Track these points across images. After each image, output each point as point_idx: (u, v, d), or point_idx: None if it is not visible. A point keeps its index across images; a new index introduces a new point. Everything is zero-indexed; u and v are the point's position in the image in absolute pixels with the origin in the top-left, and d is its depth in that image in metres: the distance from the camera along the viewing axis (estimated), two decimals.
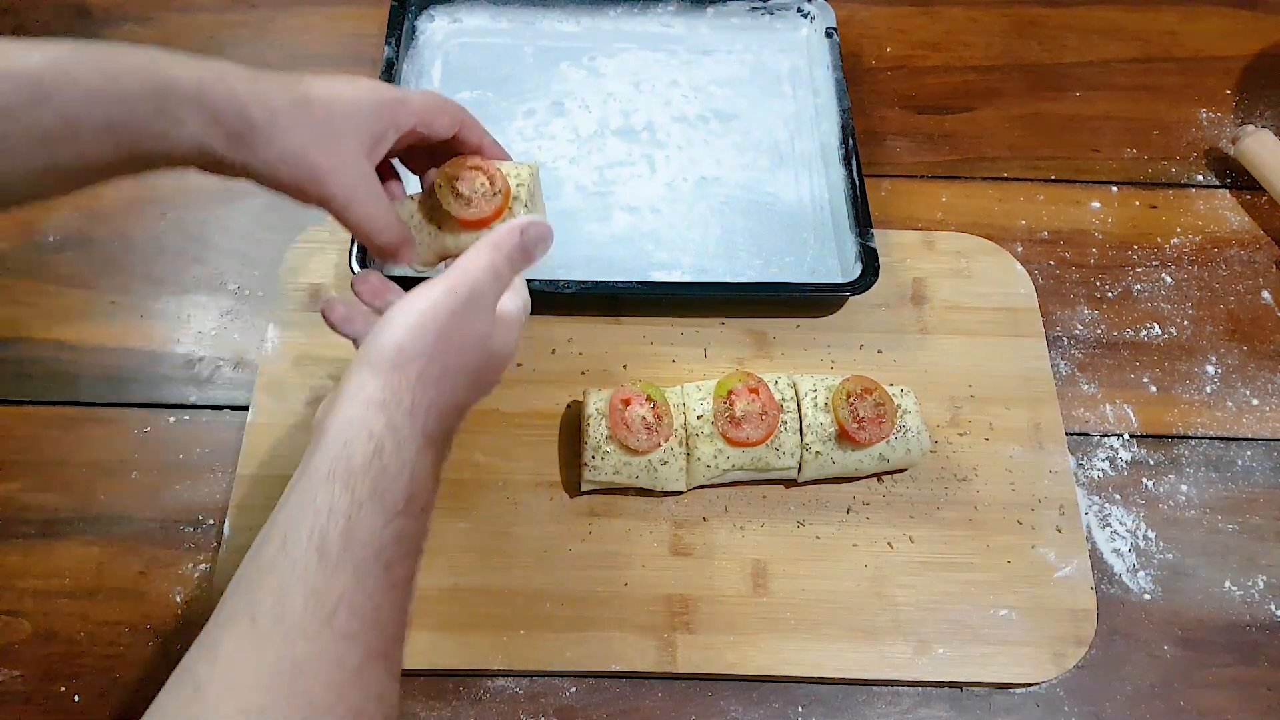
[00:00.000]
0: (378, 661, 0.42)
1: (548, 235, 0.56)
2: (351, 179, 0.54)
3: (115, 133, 0.47)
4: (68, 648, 0.62)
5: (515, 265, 0.55)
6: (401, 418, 0.47)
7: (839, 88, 0.84)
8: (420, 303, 0.50)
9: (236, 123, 0.50)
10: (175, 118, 0.48)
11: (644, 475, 0.65)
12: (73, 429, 0.70)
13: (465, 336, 0.51)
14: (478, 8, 0.91)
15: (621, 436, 0.64)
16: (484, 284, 0.52)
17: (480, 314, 0.52)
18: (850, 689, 0.63)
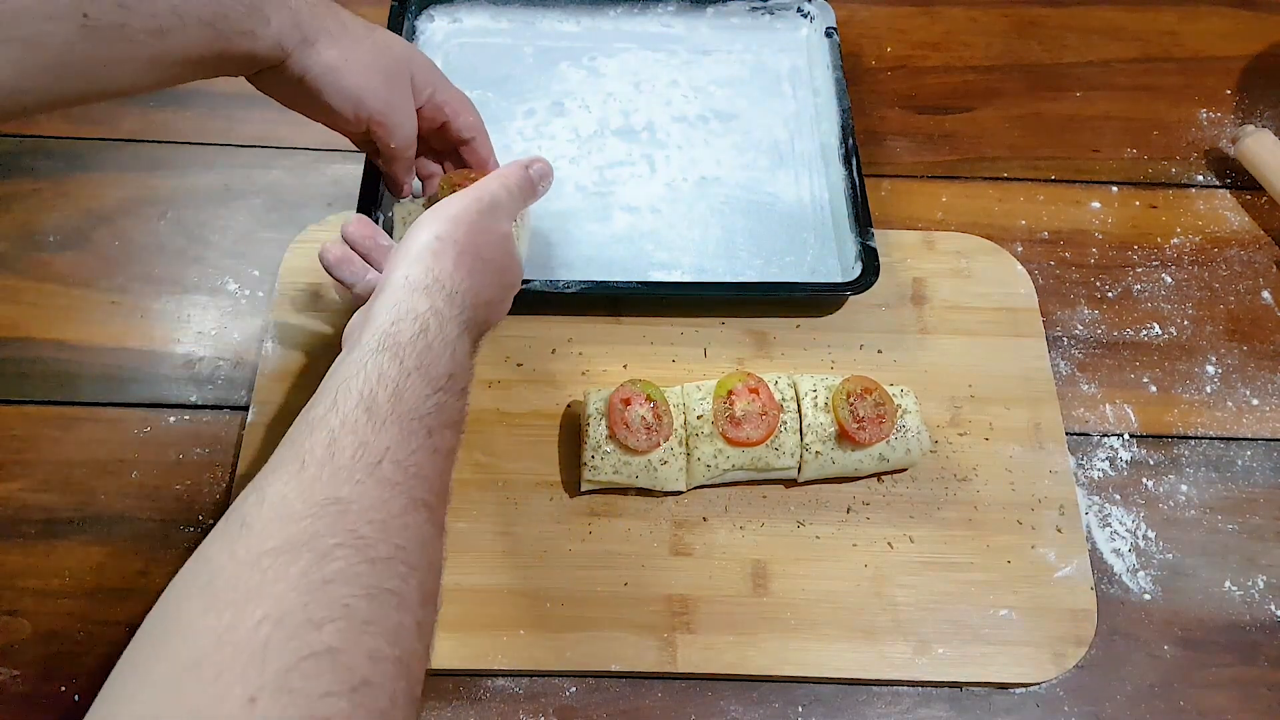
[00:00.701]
0: (420, 509, 0.44)
1: (549, 172, 0.66)
2: (404, 104, 0.63)
3: (214, 26, 0.52)
4: (68, 648, 0.62)
5: (524, 193, 0.63)
6: (443, 301, 0.52)
7: (839, 87, 0.84)
8: (448, 206, 0.57)
9: (312, 26, 0.57)
10: (264, 16, 0.54)
11: (644, 475, 0.65)
12: (73, 429, 0.70)
13: (492, 232, 0.58)
14: (478, 8, 0.91)
15: (621, 436, 0.64)
16: (500, 196, 0.60)
17: (501, 217, 0.60)
18: (850, 689, 0.63)
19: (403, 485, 0.43)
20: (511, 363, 0.73)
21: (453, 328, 0.51)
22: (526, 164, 0.64)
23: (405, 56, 0.64)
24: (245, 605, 0.36)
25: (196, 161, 0.84)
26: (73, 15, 0.47)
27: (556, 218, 0.79)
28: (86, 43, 0.48)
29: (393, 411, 0.45)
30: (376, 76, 0.61)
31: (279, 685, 0.34)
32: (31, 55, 0.46)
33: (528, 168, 0.64)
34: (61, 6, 0.46)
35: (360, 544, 0.40)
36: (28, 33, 0.45)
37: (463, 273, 0.54)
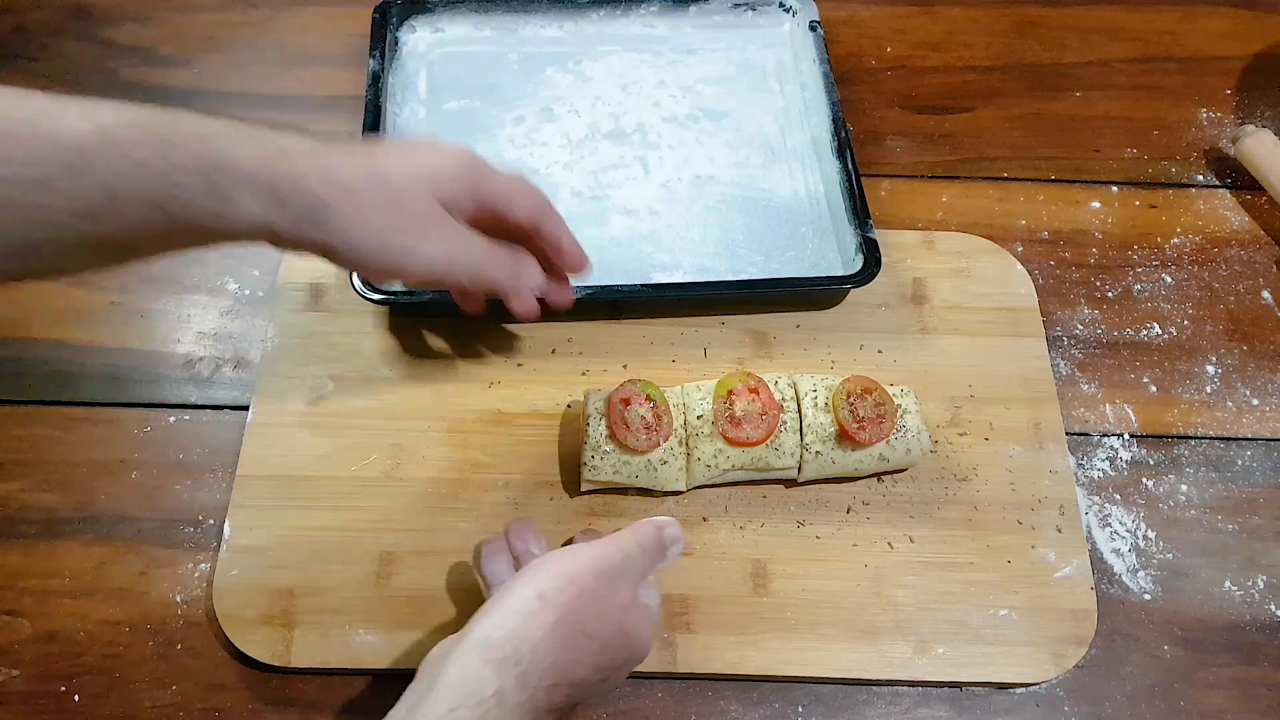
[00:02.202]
0: None
1: (679, 539, 0.55)
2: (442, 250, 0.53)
3: (163, 208, 0.45)
4: (68, 648, 0.62)
5: (655, 557, 0.54)
6: (513, 682, 0.45)
7: (826, 81, 0.84)
8: (569, 557, 0.50)
9: (303, 202, 0.48)
10: (227, 196, 0.46)
11: (644, 475, 0.65)
12: (73, 429, 0.70)
13: (606, 603, 0.49)
14: (459, 17, 0.90)
15: (621, 436, 0.64)
16: (634, 556, 0.52)
17: (624, 584, 0.51)
18: (850, 689, 0.63)
19: None
20: (511, 363, 0.73)
21: None
22: (660, 525, 0.54)
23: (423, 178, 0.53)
24: None
25: None
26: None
27: None
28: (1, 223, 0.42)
29: None
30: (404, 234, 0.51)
31: None
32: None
33: (661, 530, 0.54)
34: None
35: None
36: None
37: (549, 645, 0.46)
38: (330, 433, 0.69)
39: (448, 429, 0.70)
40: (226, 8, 0.95)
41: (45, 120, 0.43)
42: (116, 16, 0.94)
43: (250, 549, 0.64)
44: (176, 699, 0.61)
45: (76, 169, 0.42)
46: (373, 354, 0.73)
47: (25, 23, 0.93)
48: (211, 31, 0.93)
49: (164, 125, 0.45)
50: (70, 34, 0.92)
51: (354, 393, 0.71)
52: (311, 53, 0.92)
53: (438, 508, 0.67)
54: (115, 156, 0.43)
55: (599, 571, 0.49)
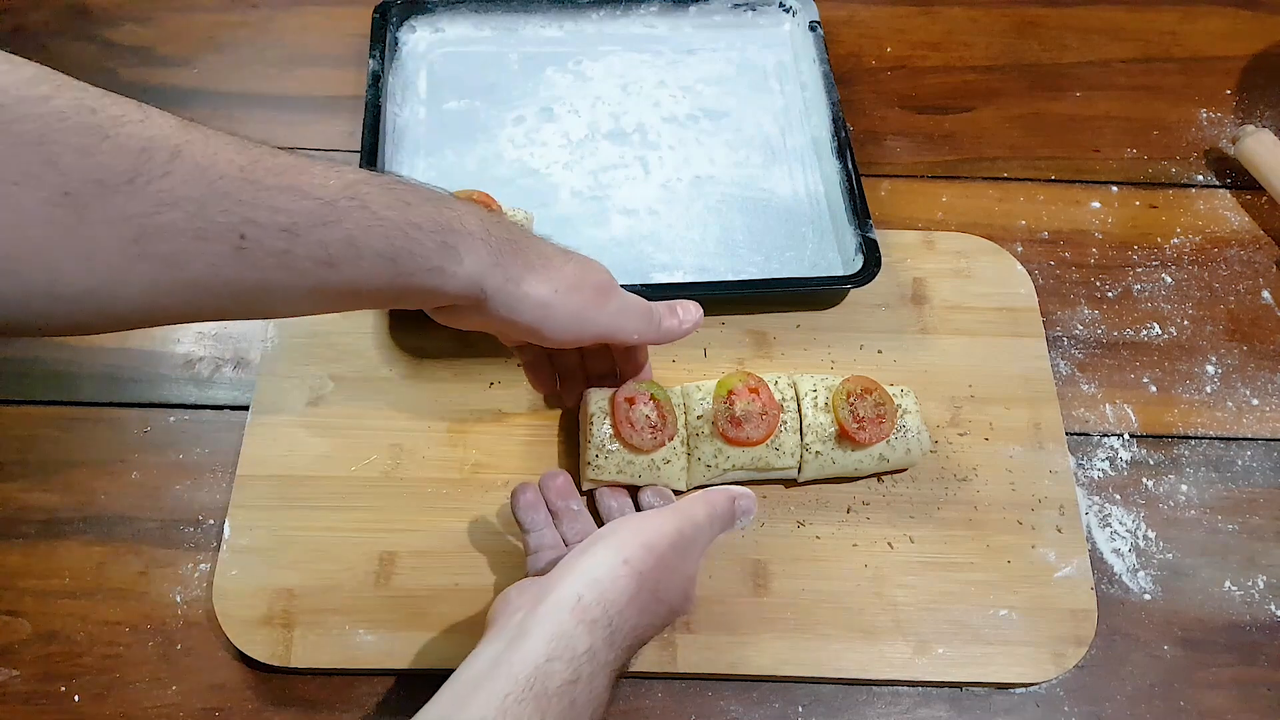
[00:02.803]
0: None
1: (753, 509, 0.60)
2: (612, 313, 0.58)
3: (396, 261, 0.47)
4: (68, 648, 0.62)
5: (724, 525, 0.58)
6: (604, 642, 0.48)
7: (826, 81, 0.84)
8: (652, 527, 0.53)
9: (515, 264, 0.52)
10: (455, 253, 0.49)
11: (647, 474, 0.65)
12: (73, 429, 0.70)
13: (678, 572, 0.54)
14: (459, 17, 0.90)
15: (626, 435, 0.64)
16: (704, 527, 0.56)
17: (694, 553, 0.55)
18: (850, 689, 0.63)
19: None
20: (511, 363, 0.73)
21: (603, 679, 0.48)
22: (735, 496, 0.59)
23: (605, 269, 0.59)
24: None
25: None
26: (227, 237, 0.42)
27: (554, 223, 0.79)
28: (238, 266, 0.43)
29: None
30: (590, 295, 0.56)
31: None
32: (170, 273, 0.41)
33: (735, 500, 0.59)
34: (216, 227, 0.41)
35: None
36: (169, 250, 0.41)
37: (633, 610, 0.50)
38: (330, 433, 0.69)
39: (448, 429, 0.70)
40: (226, 8, 0.95)
41: (295, 173, 0.45)
42: (116, 16, 0.94)
43: (250, 549, 0.64)
44: (176, 699, 0.61)
45: (325, 219, 0.44)
46: (373, 354, 0.73)
47: (25, 23, 0.93)
48: (211, 31, 0.93)
49: (403, 188, 0.49)
50: (70, 34, 0.92)
51: (354, 393, 0.71)
52: (311, 53, 0.92)
53: (438, 508, 0.67)
54: (361, 211, 0.46)
55: (674, 542, 0.53)
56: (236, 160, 0.43)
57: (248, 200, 0.42)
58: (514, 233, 0.54)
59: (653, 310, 0.61)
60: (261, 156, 0.44)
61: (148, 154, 0.40)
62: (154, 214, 0.40)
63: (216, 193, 0.41)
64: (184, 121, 0.42)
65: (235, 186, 0.42)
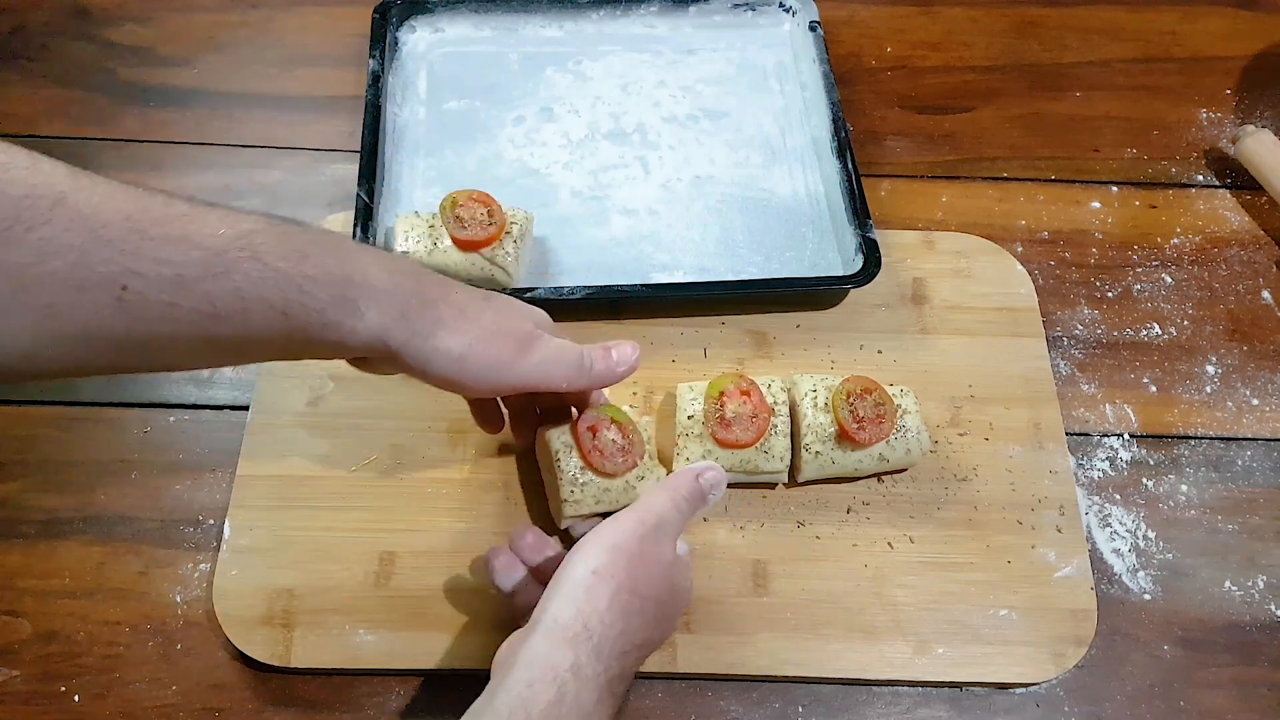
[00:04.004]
0: None
1: (721, 481, 0.59)
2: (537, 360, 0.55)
3: (288, 315, 0.45)
4: (68, 648, 0.62)
5: (693, 506, 0.57)
6: (587, 655, 0.47)
7: (826, 81, 0.84)
8: (610, 530, 0.52)
9: (426, 316, 0.50)
10: (354, 307, 0.47)
11: (624, 496, 0.63)
12: (73, 429, 0.70)
13: (654, 563, 0.53)
14: (459, 17, 0.90)
15: (598, 464, 0.62)
16: (669, 516, 0.55)
17: (665, 541, 0.54)
18: (850, 689, 0.63)
19: None
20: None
21: (590, 693, 0.46)
22: (698, 472, 0.57)
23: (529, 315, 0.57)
24: None
25: (196, 161, 0.84)
26: (108, 288, 0.40)
27: (554, 223, 0.79)
28: (121, 318, 0.41)
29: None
30: (510, 345, 0.53)
31: None
32: (51, 325, 0.40)
33: (699, 477, 0.57)
34: (97, 278, 0.40)
35: None
36: (49, 300, 0.39)
37: (615, 613, 0.49)
38: (330, 433, 0.69)
39: (448, 429, 0.70)
40: (226, 8, 0.95)
41: (186, 223, 0.43)
42: (116, 16, 0.94)
43: (250, 549, 0.64)
44: (176, 699, 0.61)
45: (213, 270, 0.43)
46: None
47: (25, 23, 0.93)
48: (211, 31, 0.93)
49: (301, 237, 0.47)
50: (70, 34, 0.92)
51: (354, 393, 0.71)
52: (311, 53, 0.92)
53: (438, 508, 0.67)
54: (251, 262, 0.44)
55: (640, 536, 0.52)
56: (124, 208, 0.41)
57: (131, 250, 0.41)
58: (425, 282, 0.52)
59: (583, 356, 0.57)
60: (152, 205, 0.42)
61: (30, 200, 0.38)
62: (34, 264, 0.38)
63: (99, 241, 0.40)
64: (74, 170, 0.41)
65: (119, 235, 0.41)
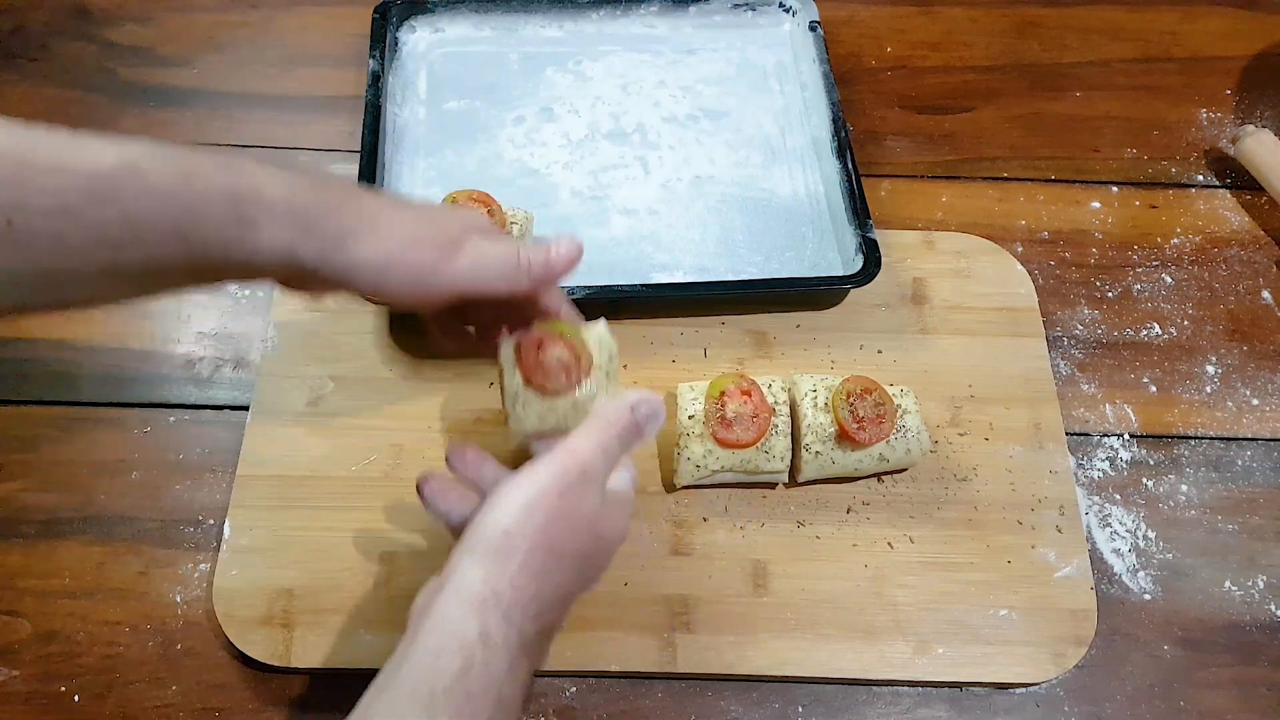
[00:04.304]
0: None
1: (659, 411, 0.54)
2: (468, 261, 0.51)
3: (185, 238, 0.44)
4: (68, 648, 0.62)
5: (626, 443, 0.53)
6: (496, 621, 0.45)
7: (826, 81, 0.84)
8: (526, 484, 0.48)
9: (332, 228, 0.47)
10: (253, 223, 0.45)
11: (572, 416, 0.57)
12: (73, 429, 0.70)
13: (574, 519, 0.49)
14: (459, 17, 0.90)
15: (540, 381, 0.57)
16: (594, 463, 0.50)
17: (589, 494, 0.50)
18: (850, 689, 0.63)
19: None
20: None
21: (501, 659, 0.44)
22: (633, 405, 0.53)
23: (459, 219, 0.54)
24: None
25: None
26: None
27: (554, 223, 0.79)
28: (11, 252, 0.41)
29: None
30: (434, 249, 0.50)
31: None
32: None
33: (633, 409, 0.52)
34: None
35: None
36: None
37: (526, 576, 0.46)
38: (330, 433, 0.69)
39: (448, 429, 0.70)
40: (226, 8, 0.95)
41: (68, 151, 0.42)
42: (116, 16, 0.94)
43: (250, 549, 0.64)
44: (176, 699, 0.61)
45: (99, 197, 0.42)
46: (373, 354, 0.73)
47: (25, 23, 0.93)
48: (211, 31, 0.93)
49: (189, 158, 0.45)
50: (70, 34, 0.92)
51: (354, 393, 0.71)
52: (311, 53, 0.92)
53: None
54: (138, 185, 0.43)
55: (559, 492, 0.48)
56: (3, 143, 0.41)
57: (12, 182, 0.40)
58: (330, 192, 0.48)
59: (518, 256, 0.53)
60: (35, 138, 0.42)
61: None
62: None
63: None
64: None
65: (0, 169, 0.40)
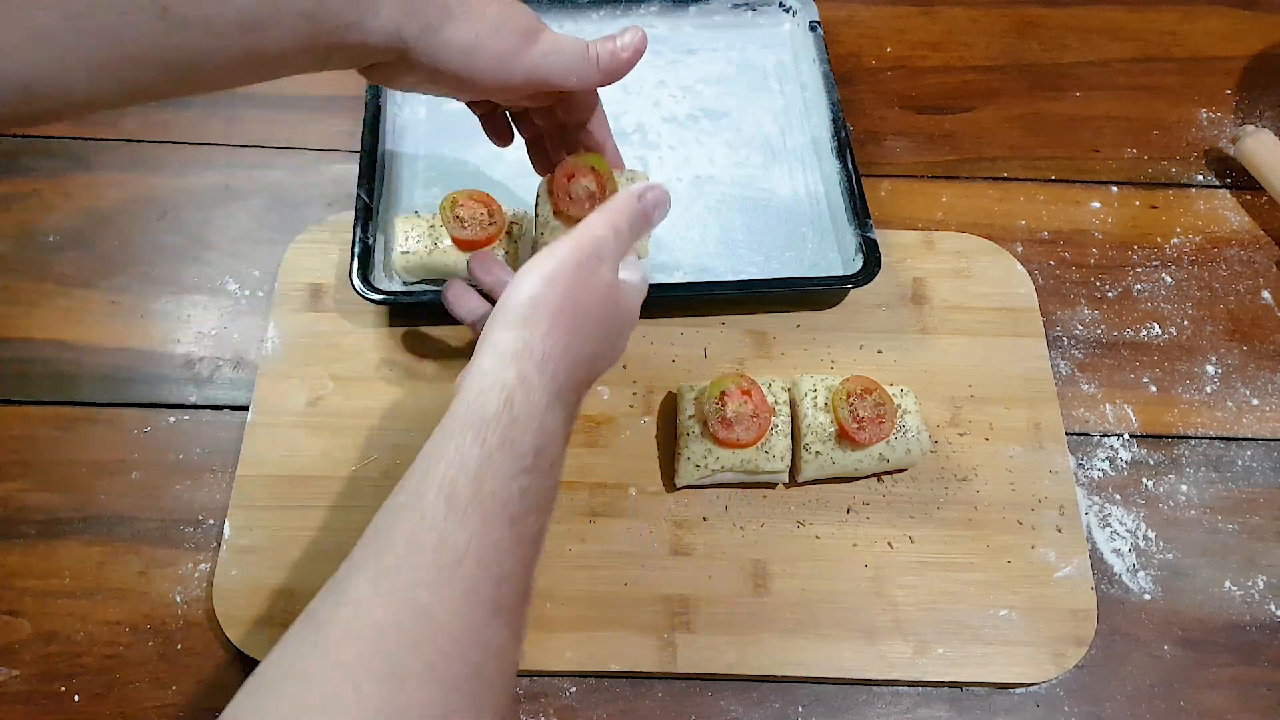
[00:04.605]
0: (500, 616, 0.42)
1: (665, 199, 0.58)
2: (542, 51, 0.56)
3: (315, 19, 0.48)
4: (68, 648, 0.62)
5: (635, 228, 0.57)
6: (532, 369, 0.48)
7: (827, 81, 0.84)
8: (545, 260, 0.52)
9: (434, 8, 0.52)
10: (372, 6, 0.49)
11: None
12: (73, 429, 0.70)
13: (593, 286, 0.53)
14: None
15: (565, 208, 0.63)
16: (606, 240, 0.54)
17: (603, 267, 0.54)
18: (850, 689, 0.63)
19: (483, 588, 0.42)
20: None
21: (541, 397, 0.48)
22: (639, 193, 0.57)
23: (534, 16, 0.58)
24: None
25: (196, 161, 0.84)
26: (151, 7, 0.43)
27: None
28: (168, 37, 0.44)
29: (474, 499, 0.43)
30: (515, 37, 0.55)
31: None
32: (107, 50, 0.43)
33: (639, 198, 0.57)
34: None
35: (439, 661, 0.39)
36: (101, 25, 0.42)
37: (556, 335, 0.50)
38: (330, 433, 0.69)
39: None
40: None
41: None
42: None
43: (250, 549, 0.65)
44: (176, 699, 0.61)
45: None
46: (373, 354, 0.73)
47: None
48: None
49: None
50: None
51: (354, 393, 0.71)
52: None
53: None
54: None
55: (577, 262, 0.52)
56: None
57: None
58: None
59: (588, 48, 0.58)
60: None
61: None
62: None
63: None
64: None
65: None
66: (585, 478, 0.69)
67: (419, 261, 0.72)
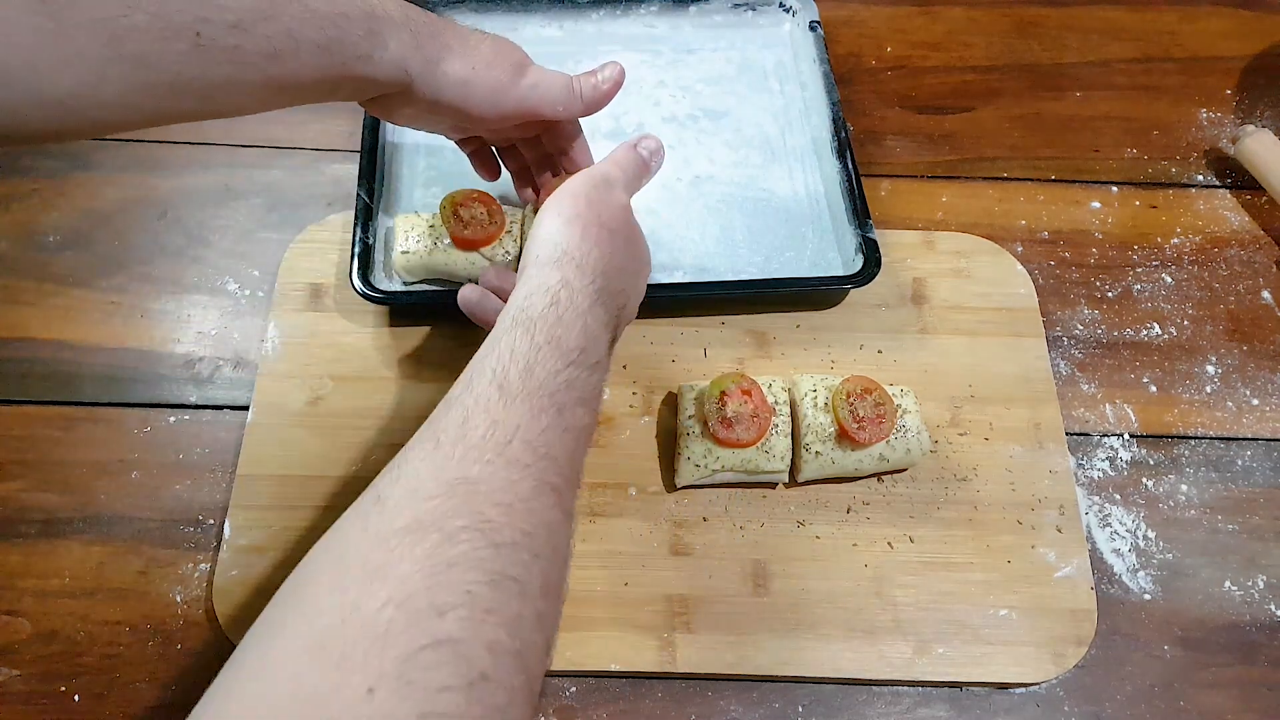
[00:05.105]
0: (548, 493, 0.44)
1: (659, 148, 0.64)
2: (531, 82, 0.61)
3: (330, 51, 0.52)
4: (68, 648, 0.62)
5: (635, 175, 0.62)
6: (573, 271, 0.52)
7: (826, 81, 0.84)
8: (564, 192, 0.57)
9: (434, 45, 0.57)
10: (380, 38, 0.54)
11: None
12: (73, 429, 0.70)
13: (612, 205, 0.57)
14: (459, 17, 0.89)
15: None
16: (614, 174, 0.60)
17: (617, 191, 0.59)
18: (850, 689, 0.63)
19: (532, 467, 0.44)
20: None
21: (584, 298, 0.51)
22: (634, 143, 0.63)
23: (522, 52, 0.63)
24: (370, 585, 0.37)
25: (196, 161, 0.84)
26: (185, 36, 0.46)
27: None
28: (198, 64, 0.47)
29: (523, 388, 0.46)
30: (507, 71, 0.59)
31: (398, 675, 0.34)
32: (141, 74, 0.46)
33: (636, 146, 0.63)
34: (174, 27, 0.46)
35: (487, 527, 0.40)
36: (138, 51, 0.45)
37: (590, 242, 0.54)
38: (331, 433, 0.69)
39: None
40: None
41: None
42: None
43: (250, 549, 0.64)
44: (176, 699, 0.61)
45: (266, 14, 0.49)
46: (373, 354, 0.73)
47: None
48: None
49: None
50: None
51: (354, 393, 0.71)
52: None
53: None
54: (295, 5, 0.50)
55: (593, 185, 0.57)
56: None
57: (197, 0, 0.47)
58: (431, 17, 0.58)
59: (572, 82, 0.62)
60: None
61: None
62: (121, 17, 0.44)
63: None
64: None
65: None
66: (585, 477, 0.68)
67: (419, 261, 0.72)
